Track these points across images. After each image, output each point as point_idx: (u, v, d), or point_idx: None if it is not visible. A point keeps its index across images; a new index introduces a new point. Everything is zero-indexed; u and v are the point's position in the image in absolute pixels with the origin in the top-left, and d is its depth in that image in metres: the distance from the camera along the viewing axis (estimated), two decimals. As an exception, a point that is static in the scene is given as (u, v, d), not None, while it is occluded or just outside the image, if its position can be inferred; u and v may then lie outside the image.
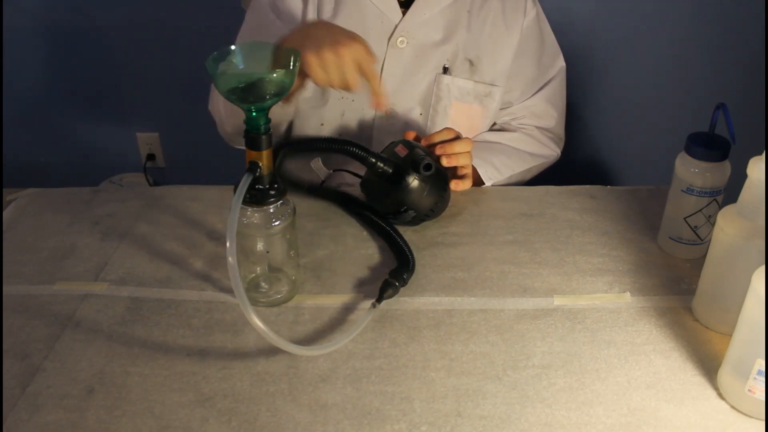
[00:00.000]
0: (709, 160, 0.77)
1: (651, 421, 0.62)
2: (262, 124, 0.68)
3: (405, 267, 0.79)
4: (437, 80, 1.05)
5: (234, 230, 0.65)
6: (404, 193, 0.85)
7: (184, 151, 2.09)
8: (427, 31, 1.04)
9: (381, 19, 1.03)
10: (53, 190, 1.00)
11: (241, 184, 0.67)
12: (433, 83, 1.06)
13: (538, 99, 1.14)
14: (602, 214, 0.92)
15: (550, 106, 1.15)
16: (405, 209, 0.86)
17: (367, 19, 1.03)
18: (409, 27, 1.03)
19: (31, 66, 1.93)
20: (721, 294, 0.71)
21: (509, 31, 1.06)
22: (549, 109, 1.15)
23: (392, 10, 1.03)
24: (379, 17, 1.03)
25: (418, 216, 0.87)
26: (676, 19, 1.75)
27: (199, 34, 1.84)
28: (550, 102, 1.15)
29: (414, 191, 0.85)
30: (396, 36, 1.03)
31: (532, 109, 1.15)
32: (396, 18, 1.03)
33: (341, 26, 0.85)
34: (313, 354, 0.69)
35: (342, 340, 0.69)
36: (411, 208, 0.86)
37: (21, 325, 0.74)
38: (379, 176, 0.86)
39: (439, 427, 0.62)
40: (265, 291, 0.78)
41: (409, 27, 1.03)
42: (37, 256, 0.85)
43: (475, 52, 1.05)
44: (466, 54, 1.05)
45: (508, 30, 1.06)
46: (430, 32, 1.04)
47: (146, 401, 0.65)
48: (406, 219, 0.87)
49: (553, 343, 0.71)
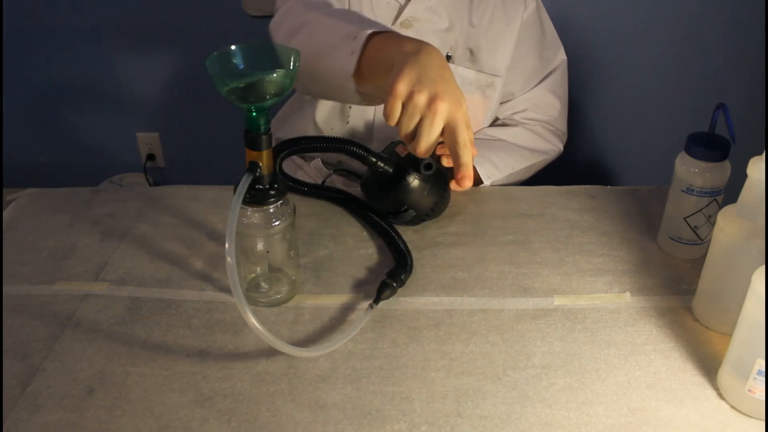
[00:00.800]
0: (709, 160, 0.77)
1: (651, 421, 0.62)
2: (262, 124, 0.68)
3: (403, 268, 0.79)
4: None
5: (233, 230, 0.65)
6: (404, 193, 0.84)
7: (184, 151, 2.09)
8: (432, 18, 1.05)
9: (387, 1, 1.04)
10: (53, 190, 1.00)
11: (241, 184, 0.67)
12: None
13: (540, 90, 1.14)
14: (602, 214, 0.92)
15: (552, 96, 1.15)
16: (405, 209, 0.86)
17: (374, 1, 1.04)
18: (414, 12, 1.04)
19: (31, 66, 1.93)
20: (721, 294, 0.71)
21: (509, 22, 1.07)
22: (551, 100, 1.15)
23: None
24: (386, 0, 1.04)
25: (419, 216, 0.87)
26: (676, 18, 1.75)
27: (199, 35, 1.84)
28: (552, 92, 1.15)
29: (414, 191, 0.85)
30: (401, 20, 1.04)
31: (534, 100, 1.14)
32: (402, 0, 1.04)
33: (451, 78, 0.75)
34: (310, 355, 0.69)
35: (339, 341, 0.69)
36: (411, 208, 0.86)
37: (21, 325, 0.74)
38: (379, 176, 0.86)
39: (439, 427, 0.62)
40: (265, 291, 0.78)
41: (414, 12, 1.04)
42: (37, 256, 0.85)
43: (476, 42, 1.06)
44: (467, 43, 1.05)
45: (509, 21, 1.06)
46: (435, 19, 1.05)
47: (146, 401, 0.65)
48: (406, 218, 0.87)
49: (553, 343, 0.71)
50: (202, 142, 2.03)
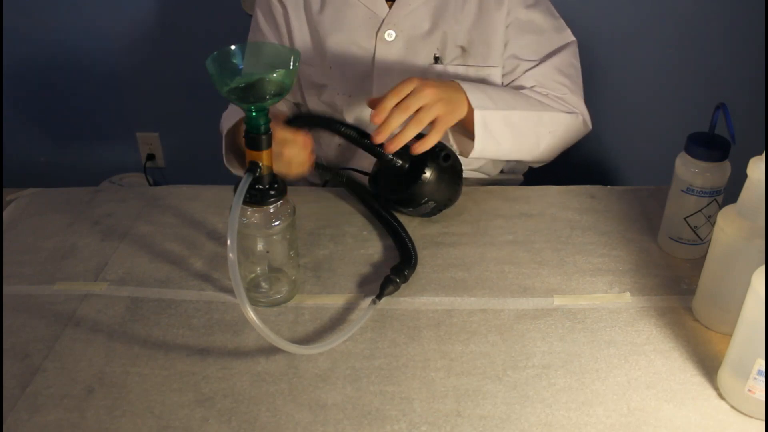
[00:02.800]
0: (709, 160, 0.77)
1: (651, 421, 0.62)
2: (262, 125, 0.68)
3: (407, 263, 0.80)
4: (429, 71, 1.04)
5: (235, 228, 0.65)
6: (425, 185, 0.85)
7: (184, 151, 2.08)
8: (415, 22, 1.03)
9: (367, 15, 1.03)
10: (53, 190, 1.00)
11: (241, 184, 0.67)
12: (426, 74, 1.04)
13: (546, 67, 1.03)
14: (602, 214, 0.92)
15: (559, 74, 1.03)
16: (426, 201, 0.87)
17: (354, 15, 1.03)
18: (395, 20, 1.02)
19: (31, 66, 1.93)
20: (721, 294, 0.71)
21: (498, 6, 1.02)
22: (558, 76, 1.03)
23: (378, 5, 1.02)
24: (366, 12, 1.03)
25: (438, 206, 0.88)
26: (676, 18, 1.75)
27: (199, 35, 1.84)
28: (559, 71, 1.04)
29: (434, 182, 0.85)
30: (384, 29, 1.02)
31: (539, 77, 1.03)
32: (382, 12, 1.02)
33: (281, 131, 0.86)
34: (310, 352, 0.69)
35: (341, 338, 0.69)
36: (431, 200, 0.87)
37: (21, 325, 0.74)
38: (395, 170, 0.87)
39: (439, 427, 0.62)
40: (265, 291, 0.78)
41: (396, 19, 1.02)
42: (37, 256, 0.85)
43: (466, 38, 1.02)
44: (457, 41, 1.03)
45: (497, 6, 1.02)
46: (418, 22, 1.03)
47: (146, 401, 0.65)
48: (425, 210, 0.88)
49: (553, 343, 0.71)
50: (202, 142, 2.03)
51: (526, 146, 0.98)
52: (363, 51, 1.03)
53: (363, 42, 1.03)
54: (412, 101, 0.82)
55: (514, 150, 0.96)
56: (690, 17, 1.74)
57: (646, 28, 1.77)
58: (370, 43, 1.03)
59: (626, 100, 1.87)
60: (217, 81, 0.67)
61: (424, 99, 0.82)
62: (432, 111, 0.83)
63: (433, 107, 0.83)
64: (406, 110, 0.81)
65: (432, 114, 0.83)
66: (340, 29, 1.03)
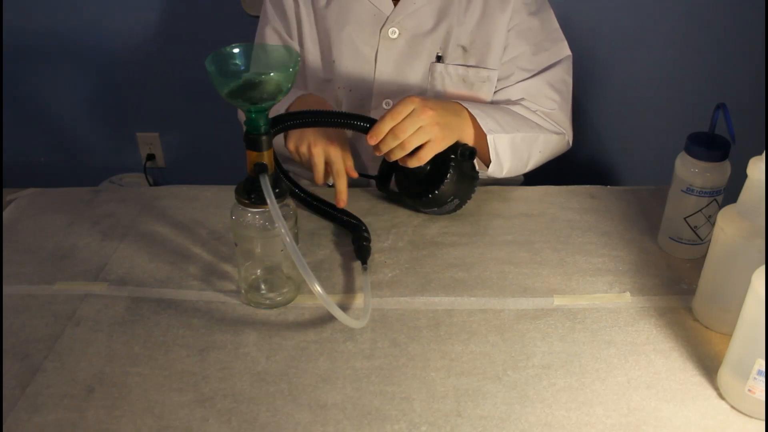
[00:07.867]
0: (709, 160, 0.77)
1: (651, 421, 0.62)
2: (262, 125, 0.68)
3: (358, 230, 0.85)
4: (431, 69, 1.05)
5: (280, 215, 0.66)
6: (452, 185, 0.86)
7: (184, 151, 2.08)
8: (418, 20, 1.04)
9: (372, 11, 1.04)
10: (53, 190, 1.00)
11: (262, 185, 0.67)
12: (428, 72, 1.06)
13: (537, 81, 1.05)
14: (602, 214, 0.92)
15: (550, 90, 1.05)
16: (451, 199, 0.88)
17: (359, 11, 1.04)
18: (399, 17, 1.03)
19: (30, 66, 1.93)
20: (721, 294, 0.71)
21: (502, 9, 1.03)
22: (549, 92, 1.05)
23: (383, 3, 1.04)
24: (371, 9, 1.04)
25: (461, 203, 0.90)
26: (676, 18, 1.75)
27: (199, 35, 1.84)
28: (550, 85, 1.05)
29: (458, 181, 0.87)
30: (387, 27, 1.03)
31: (529, 90, 1.05)
32: (387, 9, 1.04)
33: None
34: (359, 326, 0.71)
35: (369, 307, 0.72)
36: (457, 197, 0.88)
37: (21, 325, 0.74)
38: (415, 175, 0.88)
39: (439, 427, 0.62)
40: (265, 292, 0.78)
41: (400, 17, 1.03)
42: (37, 256, 0.85)
43: (468, 38, 1.04)
44: (459, 41, 1.04)
45: (502, 9, 1.03)
46: (421, 21, 1.04)
47: (146, 401, 0.65)
48: (449, 209, 0.90)
49: (553, 343, 0.71)
50: (202, 142, 2.03)
51: (520, 165, 1.00)
52: (366, 47, 1.04)
53: (367, 38, 1.04)
54: (408, 125, 0.83)
55: (512, 169, 0.99)
56: (690, 17, 1.74)
57: (646, 28, 1.77)
58: (374, 40, 1.04)
59: (626, 100, 1.87)
60: (217, 81, 0.67)
61: (421, 122, 0.83)
62: (423, 135, 0.84)
63: (427, 130, 0.84)
64: (401, 135, 0.83)
65: (423, 138, 0.84)
66: (345, 24, 1.04)
